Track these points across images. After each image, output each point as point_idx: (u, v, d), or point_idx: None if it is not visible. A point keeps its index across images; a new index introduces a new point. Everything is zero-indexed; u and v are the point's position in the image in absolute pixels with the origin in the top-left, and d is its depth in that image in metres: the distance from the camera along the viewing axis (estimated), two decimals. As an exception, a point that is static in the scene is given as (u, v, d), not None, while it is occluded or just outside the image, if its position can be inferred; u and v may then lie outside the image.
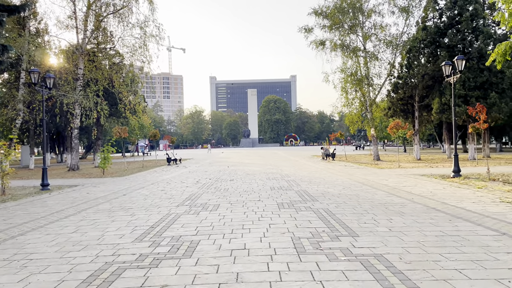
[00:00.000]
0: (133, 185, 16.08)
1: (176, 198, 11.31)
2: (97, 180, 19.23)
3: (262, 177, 17.57)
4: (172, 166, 29.82)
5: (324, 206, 9.09)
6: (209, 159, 40.76)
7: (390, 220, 7.36)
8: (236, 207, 9.31)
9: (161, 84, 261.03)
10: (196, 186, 14.58)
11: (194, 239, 6.22)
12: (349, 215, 7.88)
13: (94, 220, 8.27)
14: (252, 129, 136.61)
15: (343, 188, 12.64)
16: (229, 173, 21.01)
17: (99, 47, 29.26)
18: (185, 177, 19.41)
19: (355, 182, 14.51)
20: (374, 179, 15.42)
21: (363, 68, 33.15)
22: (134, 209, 9.61)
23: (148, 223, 7.67)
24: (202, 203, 10.14)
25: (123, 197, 12.10)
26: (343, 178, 16.19)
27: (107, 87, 27.80)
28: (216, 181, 16.58)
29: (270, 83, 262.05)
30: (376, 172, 19.22)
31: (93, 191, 14.17)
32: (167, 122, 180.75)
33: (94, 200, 11.48)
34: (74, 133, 28.01)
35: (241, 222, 7.46)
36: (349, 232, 6.43)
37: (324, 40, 33.42)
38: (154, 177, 20.18)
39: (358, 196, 10.64)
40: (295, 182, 15.16)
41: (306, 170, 21.83)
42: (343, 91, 33.95)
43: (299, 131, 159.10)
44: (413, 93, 32.86)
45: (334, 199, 10.19)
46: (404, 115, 35.69)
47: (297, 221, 7.46)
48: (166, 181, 17.23)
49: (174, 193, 12.59)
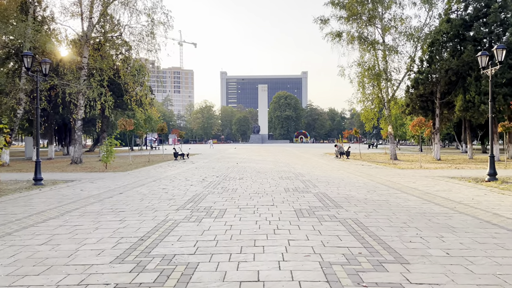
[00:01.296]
0: (134, 181, 14.71)
1: (177, 200, 9.87)
2: (97, 175, 17.92)
3: (274, 176, 16.07)
4: (179, 161, 28.50)
5: (351, 215, 7.57)
6: (217, 155, 39.37)
7: (441, 238, 5.81)
8: (246, 214, 7.83)
9: (171, 79, 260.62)
10: (202, 185, 13.14)
11: (191, 262, 4.75)
12: (387, 229, 6.35)
13: (76, 226, 6.86)
14: (262, 125, 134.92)
15: (368, 192, 11.08)
16: (238, 170, 19.56)
17: (105, 36, 27.94)
18: (190, 173, 18.01)
19: (379, 184, 12.95)
20: (399, 181, 13.83)
21: (382, 62, 31.42)
22: (127, 212, 8.19)
23: (138, 234, 6.23)
24: (206, 207, 8.68)
25: (118, 196, 10.71)
26: (364, 179, 14.62)
27: (113, 77, 26.47)
28: (224, 179, 15.14)
29: (281, 79, 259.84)
30: (399, 173, 17.59)
31: (88, 188, 12.82)
32: (177, 117, 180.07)
33: (84, 200, 10.11)
34: (77, 124, 26.79)
35: (253, 236, 5.98)
36: (394, 256, 4.90)
37: (340, 32, 31.68)
38: (158, 172, 18.83)
39: (388, 203, 9.09)
40: (311, 182, 13.64)
41: (320, 169, 20.28)
42: (360, 86, 32.25)
43: (309, 128, 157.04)
44: (434, 89, 31.02)
45: (361, 206, 8.66)
46: (424, 113, 33.85)
47: (322, 236, 5.96)
48: (170, 178, 15.84)
49: (176, 193, 11.16)
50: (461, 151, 46.48)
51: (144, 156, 35.87)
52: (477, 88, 27.42)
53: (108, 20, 27.26)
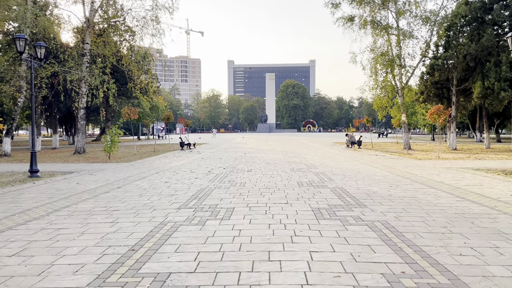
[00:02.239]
0: (136, 173, 13.78)
1: (180, 196, 8.90)
2: (99, 165, 17.04)
3: (285, 168, 15.04)
4: (185, 151, 27.58)
5: (379, 217, 6.53)
6: (224, 144, 38.41)
7: (496, 249, 4.76)
8: (256, 215, 6.82)
9: (179, 68, 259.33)
10: (207, 178, 12.16)
11: (190, 285, 3.76)
12: (426, 236, 5.31)
13: (59, 230, 5.91)
14: (269, 114, 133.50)
15: (390, 186, 10.01)
16: (246, 161, 18.56)
17: (108, 21, 26.87)
18: (196, 164, 17.05)
19: (400, 178, 11.86)
20: (421, 174, 12.72)
21: (395, 47, 30.05)
22: (121, 211, 7.23)
23: (129, 241, 5.26)
24: (211, 206, 7.68)
25: (115, 191, 9.76)
26: (382, 172, 13.54)
27: (116, 64, 25.45)
28: (231, 171, 14.14)
29: (289, 67, 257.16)
30: (417, 164, 16.46)
31: (86, 180, 11.91)
32: (184, 106, 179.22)
33: (78, 195, 9.18)
34: (80, 113, 25.93)
35: (266, 245, 4.98)
36: (449, 277, 3.86)
37: (353, 16, 30.26)
38: (162, 163, 17.90)
39: (417, 200, 8.03)
40: (326, 175, 12.59)
41: (333, 159, 19.20)
42: (372, 72, 30.95)
43: (317, 117, 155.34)
44: (450, 76, 29.58)
45: (388, 204, 7.60)
46: (439, 100, 32.44)
47: (350, 245, 4.94)
48: (174, 170, 14.89)
49: (179, 187, 10.18)
50: (476, 140, 44.98)
51: (150, 146, 35.02)
52: (496, 74, 25.99)
53: (111, 4, 26.18)
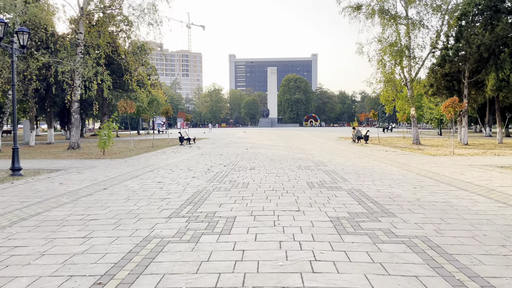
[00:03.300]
0: (128, 171, 12.57)
1: (172, 200, 7.66)
2: (91, 162, 15.83)
3: (291, 165, 13.79)
4: (184, 147, 26.37)
5: (416, 230, 5.28)
6: (226, 139, 37.16)
7: None
8: (263, 227, 5.57)
9: (180, 62, 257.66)
10: (206, 178, 10.92)
11: None
12: (485, 261, 4.06)
13: (15, 249, 4.68)
14: (271, 108, 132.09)
15: (414, 188, 8.76)
16: (249, 157, 17.31)
17: (104, 10, 25.54)
18: (195, 161, 15.82)
19: (420, 177, 10.60)
20: (442, 172, 11.46)
21: (404, 38, 28.71)
22: (100, 221, 6.00)
23: (98, 269, 4.01)
24: (208, 214, 6.44)
25: (100, 193, 8.54)
26: (399, 170, 12.28)
27: (111, 54, 24.14)
28: (233, 169, 12.90)
29: (291, 61, 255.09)
30: (434, 161, 15.19)
31: (71, 180, 10.69)
32: (186, 100, 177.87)
33: (56, 198, 7.96)
34: (73, 107, 24.70)
35: (278, 277, 3.73)
36: None
37: (360, 5, 28.88)
38: (159, 160, 16.69)
39: (453, 207, 6.77)
40: (337, 174, 11.34)
41: (342, 156, 17.95)
42: (380, 64, 29.62)
43: (319, 112, 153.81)
44: (462, 67, 28.19)
45: (419, 212, 6.36)
46: (449, 93, 31.05)
47: (392, 277, 3.69)
48: (170, 167, 13.67)
49: (172, 189, 8.95)
50: (485, 134, 43.63)
51: (149, 141, 33.82)
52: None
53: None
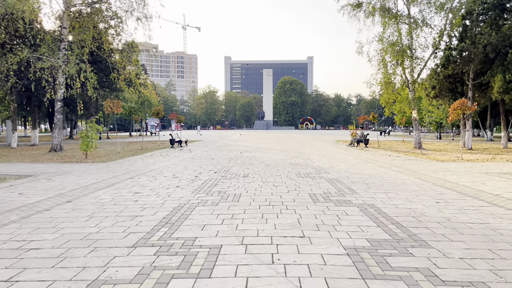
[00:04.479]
0: (105, 178, 11.10)
1: (145, 219, 6.18)
2: (69, 166, 14.34)
3: (289, 173, 12.37)
4: (175, 150, 24.90)
5: (467, 273, 3.88)
6: (219, 142, 35.70)
7: None
8: (256, 265, 4.14)
9: (175, 63, 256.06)
10: (191, 187, 9.47)
11: None
12: None
13: None
14: (266, 111, 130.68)
15: (437, 203, 7.37)
16: (242, 162, 15.88)
17: (92, 6, 24.04)
18: (183, 166, 14.37)
19: (440, 188, 9.23)
20: (462, 182, 10.10)
21: (406, 37, 27.49)
22: (41, 251, 4.53)
23: None
24: (185, 241, 4.99)
25: (60, 207, 7.06)
26: (411, 178, 10.90)
27: (97, 51, 22.63)
28: (224, 176, 11.45)
29: (286, 64, 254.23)
30: (445, 167, 13.84)
31: (35, 189, 9.20)
32: (180, 102, 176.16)
33: (3, 215, 6.47)
34: (56, 106, 23.18)
35: None
36: None
37: (360, 2, 27.61)
38: (144, 164, 15.22)
39: (497, 232, 5.37)
40: (343, 183, 9.93)
41: (343, 161, 16.56)
42: (380, 65, 28.37)
43: (315, 114, 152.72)
44: (466, 69, 26.98)
45: (459, 240, 4.95)
46: (452, 96, 29.89)
47: None
48: (154, 173, 12.20)
49: (149, 203, 7.49)
50: (486, 138, 42.48)
51: (139, 143, 32.30)
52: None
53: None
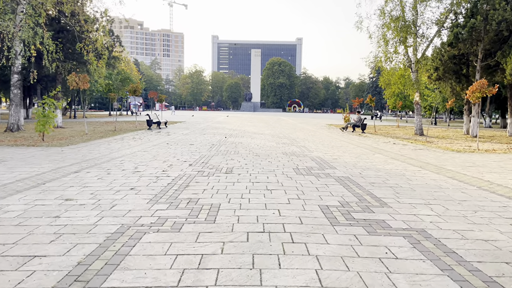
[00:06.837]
0: (43, 171, 8.34)
1: (44, 267, 3.53)
2: (11, 151, 11.50)
3: (285, 167, 9.74)
4: (152, 132, 22.11)
5: None
6: (203, 124, 32.89)
7: None
8: None
9: (160, 42, 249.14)
10: (150, 191, 6.78)
11: None
12: None
13: None
14: (254, 92, 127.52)
15: (476, 211, 4.89)
16: (226, 150, 13.21)
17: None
18: (152, 155, 11.64)
19: (491, 195, 6.74)
20: (488, 178, 7.68)
21: (410, 11, 24.95)
22: None
23: None
24: None
25: None
26: (443, 178, 8.38)
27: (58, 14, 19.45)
28: (200, 172, 8.77)
29: (275, 45, 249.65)
30: (471, 160, 11.41)
31: None
32: (165, 81, 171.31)
33: None
34: (13, 79, 20.11)
35: None
36: None
37: (361, -29, 24.75)
38: (107, 151, 12.46)
39: None
40: (360, 187, 7.35)
41: (345, 150, 14.02)
42: (381, 41, 25.84)
43: (303, 97, 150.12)
44: (473, 49, 24.54)
45: None
46: (456, 79, 27.56)
47: None
48: (111, 165, 9.46)
49: (75, 223, 4.77)
50: (484, 125, 40.65)
51: (113, 124, 29.30)
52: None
53: None
